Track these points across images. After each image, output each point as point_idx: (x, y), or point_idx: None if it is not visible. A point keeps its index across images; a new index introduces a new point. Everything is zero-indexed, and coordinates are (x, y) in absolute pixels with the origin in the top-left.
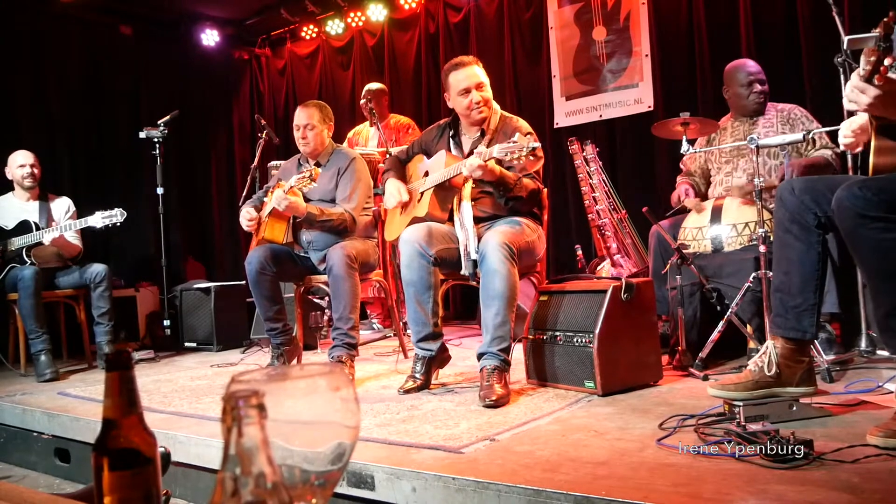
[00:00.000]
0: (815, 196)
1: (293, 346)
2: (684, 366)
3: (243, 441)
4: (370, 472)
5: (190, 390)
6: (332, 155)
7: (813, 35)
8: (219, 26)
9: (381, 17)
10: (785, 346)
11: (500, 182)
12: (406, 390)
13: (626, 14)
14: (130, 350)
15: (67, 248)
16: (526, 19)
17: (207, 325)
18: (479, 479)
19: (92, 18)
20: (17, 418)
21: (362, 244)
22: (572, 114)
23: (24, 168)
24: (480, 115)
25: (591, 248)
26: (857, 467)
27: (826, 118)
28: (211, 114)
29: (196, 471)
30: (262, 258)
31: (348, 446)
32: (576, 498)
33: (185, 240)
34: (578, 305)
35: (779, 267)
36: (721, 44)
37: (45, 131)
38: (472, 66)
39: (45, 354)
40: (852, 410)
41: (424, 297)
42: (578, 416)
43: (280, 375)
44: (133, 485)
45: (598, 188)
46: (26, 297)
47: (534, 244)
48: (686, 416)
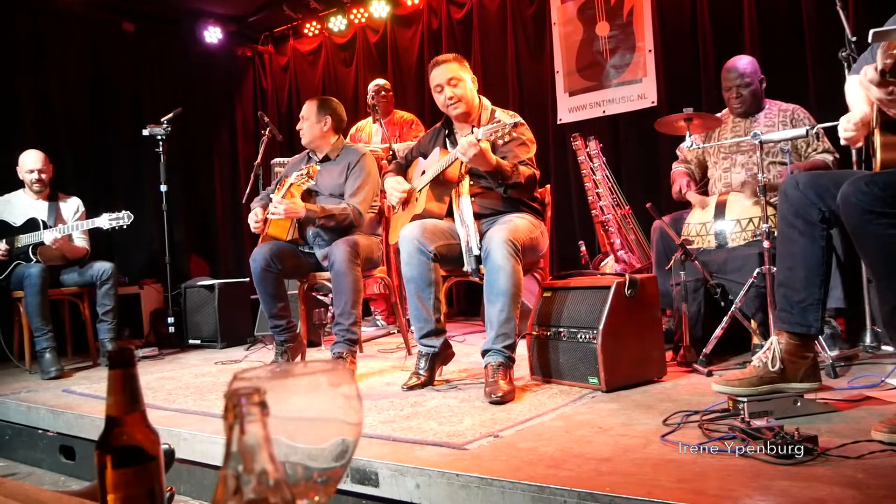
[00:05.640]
0: (819, 191)
1: (297, 343)
2: (688, 361)
3: (246, 438)
4: (374, 469)
5: (194, 387)
6: (342, 150)
7: (817, 30)
8: (221, 23)
9: (383, 14)
10: (789, 342)
11: (496, 171)
12: (410, 387)
13: (630, 9)
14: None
15: (72, 251)
16: (529, 15)
17: (211, 322)
18: (482, 476)
19: (94, 16)
20: (23, 415)
21: (366, 240)
22: (575, 109)
23: (33, 174)
24: (455, 110)
25: (595, 244)
26: (861, 463)
27: (829, 114)
28: (214, 111)
29: (200, 468)
30: (267, 255)
31: (351, 443)
32: (580, 494)
33: (189, 237)
34: (582, 301)
35: (783, 262)
36: (724, 39)
37: (47, 129)
38: (446, 64)
39: (50, 352)
40: (857, 406)
41: (426, 293)
42: (582, 412)
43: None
44: (137, 482)
45: (602, 184)
46: (32, 294)
47: (537, 240)
48: (690, 412)
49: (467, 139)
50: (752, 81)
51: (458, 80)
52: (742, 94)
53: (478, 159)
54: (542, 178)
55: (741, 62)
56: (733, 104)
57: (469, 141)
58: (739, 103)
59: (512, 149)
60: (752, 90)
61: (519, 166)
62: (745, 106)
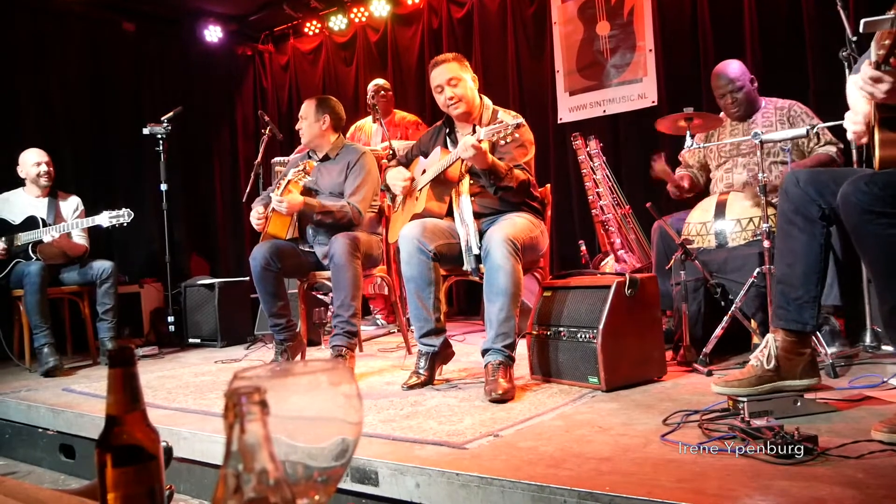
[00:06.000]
0: (819, 188)
1: (297, 343)
2: (688, 361)
3: (246, 437)
4: (374, 468)
5: (194, 386)
6: (342, 149)
7: (817, 29)
8: (222, 22)
9: (384, 13)
10: (785, 339)
11: (491, 171)
12: (410, 386)
13: (630, 9)
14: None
15: (72, 248)
16: (529, 14)
17: (211, 321)
18: (482, 475)
19: (94, 15)
20: (23, 414)
21: (366, 237)
22: (576, 109)
23: (41, 166)
24: (456, 110)
25: (595, 244)
26: (861, 463)
27: (830, 113)
28: (214, 110)
29: (200, 467)
30: (267, 254)
31: (351, 442)
32: (580, 493)
33: (189, 236)
34: (582, 301)
35: (782, 259)
36: (725, 38)
37: (48, 128)
38: (446, 64)
39: (48, 347)
40: (857, 406)
41: (425, 293)
42: (582, 411)
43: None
44: (137, 481)
45: (602, 183)
46: (31, 292)
47: (537, 239)
48: (690, 412)
49: (469, 139)
50: (742, 84)
51: (459, 80)
52: (737, 99)
53: (476, 158)
54: (543, 177)
55: (729, 67)
56: (730, 110)
57: (470, 142)
58: (736, 108)
59: (511, 150)
60: (745, 92)
61: (514, 170)
62: (742, 109)
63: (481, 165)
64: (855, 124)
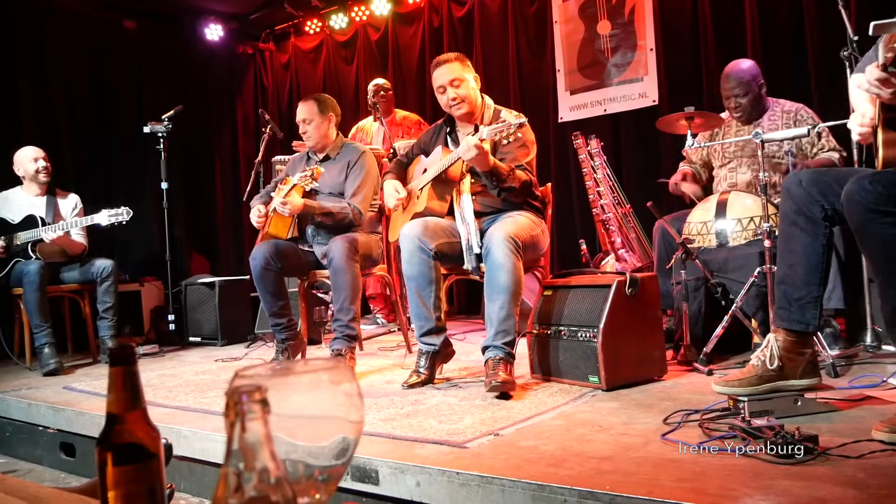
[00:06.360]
0: (822, 188)
1: (297, 341)
2: (689, 360)
3: (246, 436)
4: (374, 467)
5: (194, 385)
6: (342, 148)
7: (819, 29)
8: (222, 21)
9: (384, 12)
10: (787, 339)
11: (493, 171)
12: (410, 385)
13: (631, 8)
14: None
15: (72, 246)
16: (530, 13)
17: (212, 319)
18: (483, 474)
19: (94, 13)
20: (23, 412)
21: (365, 237)
22: (577, 108)
23: (39, 162)
24: (459, 110)
25: (596, 243)
26: (862, 462)
27: (832, 113)
28: (215, 108)
29: (200, 465)
30: (267, 254)
31: (352, 441)
32: (580, 493)
33: (190, 235)
34: (583, 300)
35: (783, 259)
36: (726, 37)
37: (48, 127)
38: (448, 64)
39: (49, 347)
40: (857, 405)
41: (426, 291)
42: (582, 410)
43: (283, 370)
44: (137, 479)
45: (603, 182)
46: (31, 291)
47: (538, 238)
48: (691, 412)
49: (471, 139)
50: (749, 90)
51: (461, 81)
52: (741, 104)
53: (477, 159)
54: (543, 176)
55: (740, 69)
56: (733, 113)
57: (473, 142)
58: (739, 112)
59: (512, 150)
60: (750, 98)
61: (516, 170)
62: (745, 114)
63: (482, 167)
64: (861, 126)
